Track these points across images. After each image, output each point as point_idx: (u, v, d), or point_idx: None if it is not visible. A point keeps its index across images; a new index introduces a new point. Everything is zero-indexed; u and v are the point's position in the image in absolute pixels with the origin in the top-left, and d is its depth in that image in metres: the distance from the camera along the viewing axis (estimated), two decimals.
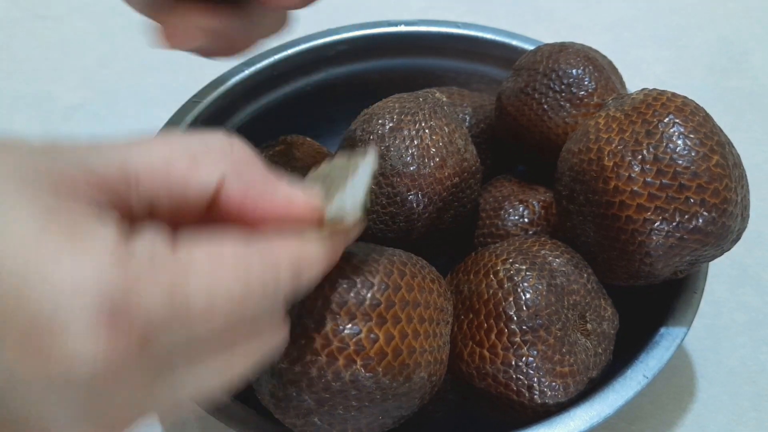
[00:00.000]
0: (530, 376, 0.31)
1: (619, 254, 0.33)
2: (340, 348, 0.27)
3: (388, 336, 0.27)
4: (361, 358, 0.27)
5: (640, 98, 0.34)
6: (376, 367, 0.27)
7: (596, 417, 0.31)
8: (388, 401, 0.28)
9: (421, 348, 0.29)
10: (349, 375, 0.27)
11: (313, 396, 0.27)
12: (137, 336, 0.16)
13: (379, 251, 0.30)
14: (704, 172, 0.31)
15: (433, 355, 0.30)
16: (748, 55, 0.65)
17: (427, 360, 0.29)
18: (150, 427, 0.41)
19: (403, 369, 0.28)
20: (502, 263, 0.33)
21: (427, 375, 0.29)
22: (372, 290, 0.28)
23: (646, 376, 0.33)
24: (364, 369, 0.27)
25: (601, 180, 0.33)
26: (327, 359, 0.27)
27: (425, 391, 0.30)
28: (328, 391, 0.27)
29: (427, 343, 0.29)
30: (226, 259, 0.19)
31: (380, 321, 0.27)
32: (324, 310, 0.27)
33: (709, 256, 0.33)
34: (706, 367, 0.43)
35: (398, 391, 0.28)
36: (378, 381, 0.27)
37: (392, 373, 0.28)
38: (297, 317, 0.28)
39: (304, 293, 0.26)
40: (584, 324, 0.33)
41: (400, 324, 0.28)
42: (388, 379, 0.27)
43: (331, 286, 0.28)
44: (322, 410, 0.28)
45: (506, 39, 0.51)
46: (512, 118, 0.43)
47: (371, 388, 0.27)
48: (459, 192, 0.37)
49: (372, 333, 0.27)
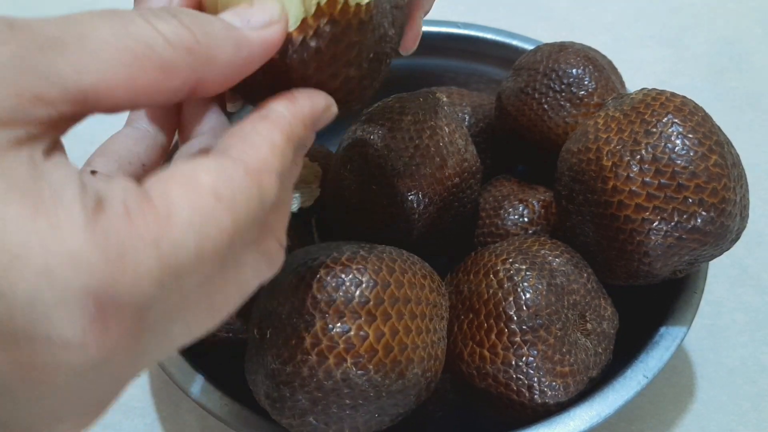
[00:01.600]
0: (530, 376, 0.31)
1: (618, 254, 0.33)
2: (329, 347, 0.27)
3: (378, 333, 0.27)
4: (352, 356, 0.27)
5: (639, 98, 0.34)
6: (367, 365, 0.27)
7: (596, 417, 0.31)
8: (383, 399, 0.28)
9: (414, 344, 0.29)
10: (340, 373, 0.27)
11: (306, 396, 0.27)
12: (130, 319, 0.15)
13: (368, 249, 0.30)
14: (703, 172, 0.31)
15: (427, 351, 0.30)
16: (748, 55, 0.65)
17: (421, 356, 0.29)
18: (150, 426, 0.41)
19: (396, 366, 0.28)
20: (502, 263, 0.33)
21: (421, 371, 0.29)
22: (360, 288, 0.28)
23: (646, 376, 0.33)
24: (355, 367, 0.27)
25: (600, 180, 0.33)
26: (317, 358, 0.27)
27: (421, 388, 0.30)
28: (321, 390, 0.27)
29: (420, 339, 0.29)
30: (205, 192, 0.16)
31: (370, 318, 0.28)
32: (313, 309, 0.27)
33: (708, 255, 0.33)
34: (705, 367, 0.43)
35: (392, 388, 0.28)
36: (370, 378, 0.27)
37: (384, 371, 0.28)
38: (287, 317, 0.28)
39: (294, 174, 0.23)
40: (584, 324, 0.33)
41: (391, 321, 0.28)
42: (380, 376, 0.27)
43: (320, 285, 0.28)
44: (316, 410, 0.28)
45: (506, 39, 0.51)
46: (512, 118, 0.43)
47: (364, 386, 0.27)
48: (459, 192, 0.37)
49: (362, 330, 0.27)
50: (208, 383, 0.34)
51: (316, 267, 0.28)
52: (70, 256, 0.14)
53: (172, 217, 0.16)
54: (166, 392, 0.42)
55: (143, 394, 0.42)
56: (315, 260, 0.29)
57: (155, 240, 0.15)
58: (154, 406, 0.42)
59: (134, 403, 0.42)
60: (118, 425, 0.41)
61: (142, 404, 0.42)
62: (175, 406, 0.42)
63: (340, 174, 0.37)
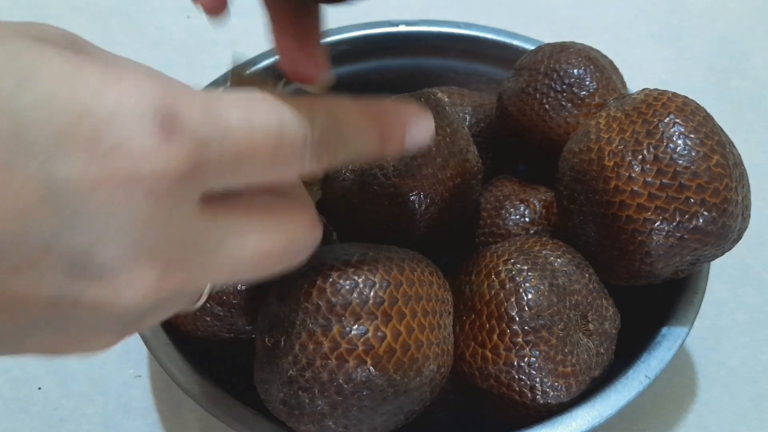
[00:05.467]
0: (532, 377, 0.31)
1: (620, 254, 0.33)
2: (349, 350, 0.27)
3: (396, 332, 0.27)
4: (371, 357, 0.27)
5: (641, 98, 0.34)
6: (387, 365, 0.27)
7: (598, 417, 0.31)
8: (401, 397, 0.28)
9: (428, 341, 0.29)
10: (360, 376, 0.27)
11: (326, 401, 0.27)
12: (189, 148, 0.17)
13: (375, 249, 0.30)
14: (704, 172, 0.31)
15: (440, 347, 0.30)
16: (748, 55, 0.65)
17: (435, 352, 0.29)
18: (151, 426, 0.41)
19: (413, 363, 0.28)
20: (504, 263, 0.33)
21: (436, 367, 0.29)
22: (374, 288, 0.28)
23: (648, 377, 0.33)
24: (374, 368, 0.27)
25: (602, 180, 0.33)
26: (337, 362, 0.27)
27: (436, 384, 0.30)
28: (341, 394, 0.27)
29: (433, 335, 0.29)
30: (258, 96, 0.19)
31: (386, 318, 0.27)
32: (329, 313, 0.27)
33: (709, 255, 0.33)
34: (707, 367, 0.43)
35: (410, 386, 0.28)
36: (390, 378, 0.27)
37: (403, 369, 0.28)
38: (301, 323, 0.28)
39: None
40: (586, 324, 0.33)
41: (406, 319, 0.28)
42: (399, 375, 0.27)
43: (334, 289, 0.28)
44: (336, 414, 0.28)
45: (507, 39, 0.51)
46: (513, 118, 0.43)
47: (383, 386, 0.27)
48: (460, 193, 0.37)
49: (379, 331, 0.27)
50: (209, 383, 0.34)
51: (327, 271, 0.28)
52: (141, 89, 0.17)
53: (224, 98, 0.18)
54: (167, 392, 0.42)
55: (144, 395, 0.42)
56: (324, 264, 0.29)
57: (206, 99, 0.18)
58: (155, 406, 0.42)
59: (135, 404, 0.42)
60: (119, 425, 0.41)
61: (143, 404, 0.42)
62: (176, 406, 0.42)
63: (340, 174, 0.37)
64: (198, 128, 0.17)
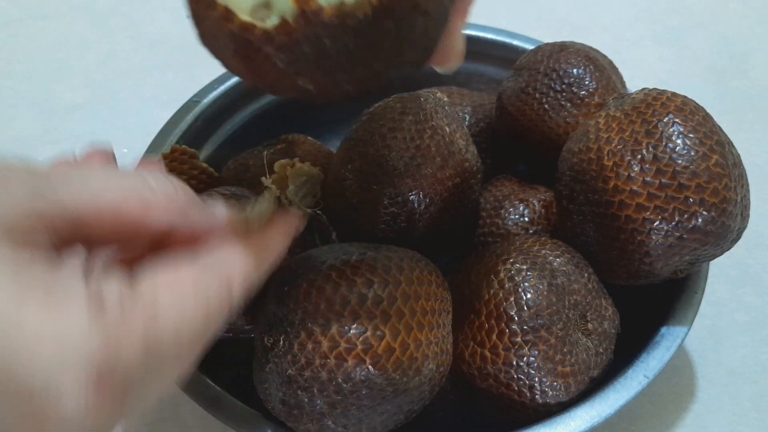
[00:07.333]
0: (531, 376, 0.31)
1: (619, 254, 0.33)
2: (347, 349, 0.27)
3: (394, 331, 0.27)
4: (370, 356, 0.27)
5: (640, 98, 0.34)
6: (386, 364, 0.27)
7: (597, 417, 0.31)
8: (400, 396, 0.28)
9: (427, 340, 0.29)
10: (359, 375, 0.27)
11: (325, 400, 0.27)
12: (120, 392, 0.19)
13: (374, 249, 0.30)
14: (703, 172, 0.31)
15: (439, 346, 0.30)
16: (748, 54, 0.65)
17: (434, 351, 0.29)
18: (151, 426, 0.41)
19: (412, 363, 0.28)
20: (503, 263, 0.33)
21: (435, 366, 0.29)
22: (373, 287, 0.28)
23: (647, 376, 0.33)
24: (373, 367, 0.27)
25: (601, 179, 0.33)
26: (336, 361, 0.27)
27: (435, 383, 0.30)
28: (340, 394, 0.27)
29: (432, 334, 0.29)
30: (186, 286, 0.21)
31: (385, 317, 0.27)
32: (328, 312, 0.27)
33: (709, 255, 0.33)
34: (706, 367, 0.43)
35: (409, 385, 0.28)
36: (388, 377, 0.27)
37: (402, 368, 0.27)
38: (300, 323, 0.28)
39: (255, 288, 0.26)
40: (585, 324, 0.33)
41: (404, 318, 0.28)
42: (398, 374, 0.27)
43: (333, 288, 0.28)
44: (335, 413, 0.28)
45: (507, 39, 0.51)
46: (513, 118, 0.43)
47: (382, 385, 0.27)
48: (460, 192, 0.37)
49: (378, 330, 0.27)
50: (210, 383, 0.34)
51: (326, 270, 0.28)
52: (77, 347, 0.18)
53: (158, 308, 0.20)
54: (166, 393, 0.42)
55: None
56: (324, 264, 0.29)
57: (144, 331, 0.19)
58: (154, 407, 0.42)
59: None
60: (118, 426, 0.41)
61: None
62: (176, 406, 0.42)
63: (340, 174, 0.37)
64: (133, 370, 0.19)
